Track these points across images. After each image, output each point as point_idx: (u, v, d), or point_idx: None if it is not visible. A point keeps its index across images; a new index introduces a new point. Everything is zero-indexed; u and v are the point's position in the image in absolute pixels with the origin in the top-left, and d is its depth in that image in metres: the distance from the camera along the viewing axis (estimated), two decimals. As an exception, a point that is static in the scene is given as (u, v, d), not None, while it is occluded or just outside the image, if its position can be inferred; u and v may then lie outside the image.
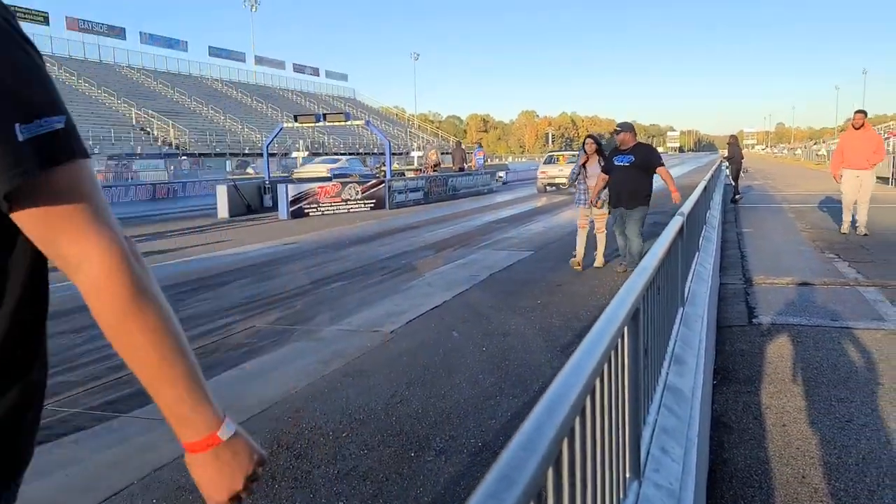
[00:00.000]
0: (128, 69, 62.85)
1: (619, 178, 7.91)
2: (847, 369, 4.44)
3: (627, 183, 7.83)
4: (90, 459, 3.52)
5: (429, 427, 3.74)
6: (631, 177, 7.80)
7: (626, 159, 7.85)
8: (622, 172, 7.86)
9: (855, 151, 10.81)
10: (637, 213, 7.85)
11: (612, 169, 7.96)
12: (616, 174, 7.94)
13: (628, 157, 7.84)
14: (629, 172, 7.81)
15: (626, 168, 7.83)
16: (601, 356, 1.16)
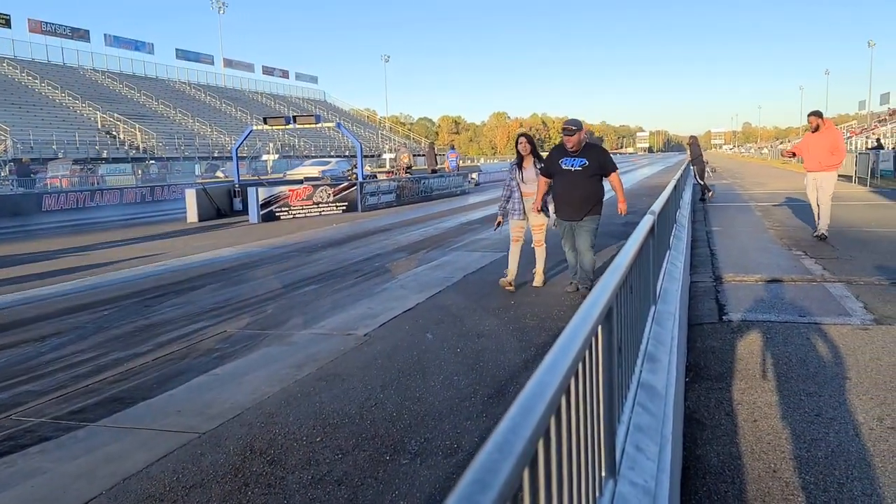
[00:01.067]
0: (92, 72, 61.86)
1: (567, 185, 6.78)
2: (815, 364, 4.51)
3: (578, 190, 6.74)
4: (56, 470, 3.44)
5: (404, 430, 3.72)
6: (582, 183, 6.72)
7: (577, 162, 6.70)
8: (572, 178, 6.73)
9: (810, 154, 10.44)
10: (589, 224, 6.83)
11: (559, 174, 6.80)
12: (564, 180, 6.80)
13: (580, 161, 6.69)
14: (580, 178, 6.71)
15: (576, 173, 6.71)
16: (576, 355, 1.15)
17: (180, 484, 3.21)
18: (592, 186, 6.78)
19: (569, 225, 6.93)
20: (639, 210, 7.29)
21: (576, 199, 6.77)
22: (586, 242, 6.84)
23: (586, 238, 6.83)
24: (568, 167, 6.71)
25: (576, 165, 6.69)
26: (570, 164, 6.71)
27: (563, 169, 6.74)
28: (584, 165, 6.67)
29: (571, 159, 6.72)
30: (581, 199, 6.76)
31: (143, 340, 5.82)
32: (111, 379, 4.83)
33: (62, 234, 16.13)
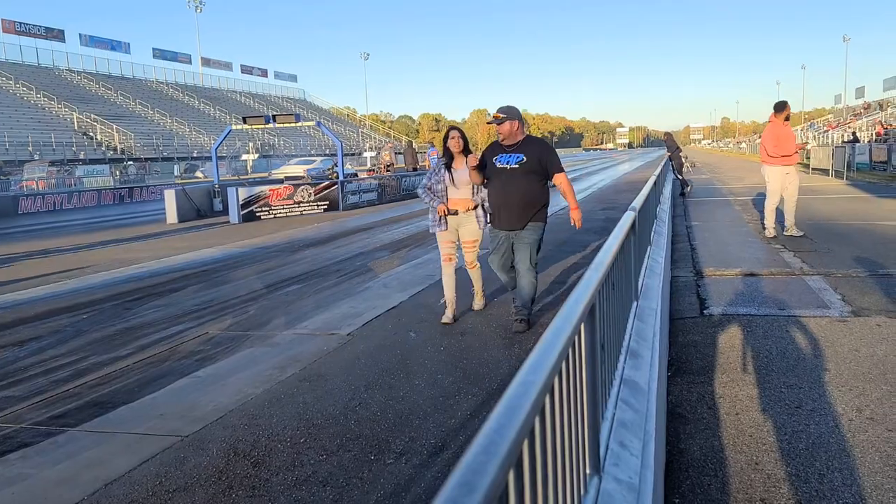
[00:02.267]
0: (68, 72, 61.10)
1: (502, 186, 5.56)
2: (795, 357, 4.56)
3: (515, 191, 5.50)
4: (37, 476, 3.40)
5: (388, 429, 3.72)
6: (520, 183, 5.51)
7: (512, 159, 5.52)
8: (507, 177, 5.53)
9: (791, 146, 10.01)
10: (530, 235, 5.56)
11: (494, 174, 5.60)
12: (498, 180, 5.58)
13: (516, 157, 5.51)
14: (517, 177, 5.50)
15: (512, 172, 5.51)
16: (559, 354, 1.16)
17: (163, 488, 3.18)
18: (533, 187, 5.55)
19: (505, 236, 5.64)
20: (620, 206, 7.31)
21: (514, 203, 5.52)
22: (526, 260, 5.55)
23: (527, 253, 5.55)
24: (503, 165, 5.54)
25: (511, 163, 5.52)
26: (504, 162, 5.55)
27: (497, 167, 5.57)
28: (520, 162, 5.50)
29: (506, 156, 5.56)
30: (520, 202, 5.51)
31: (123, 343, 5.76)
32: (92, 383, 4.78)
33: (40, 236, 15.93)
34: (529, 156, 5.50)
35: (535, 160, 5.52)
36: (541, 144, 5.73)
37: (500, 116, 5.49)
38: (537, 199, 5.59)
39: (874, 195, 15.91)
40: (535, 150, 5.56)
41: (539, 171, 5.56)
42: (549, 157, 5.59)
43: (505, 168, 5.53)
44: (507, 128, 5.50)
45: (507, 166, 5.53)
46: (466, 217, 5.93)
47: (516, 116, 5.53)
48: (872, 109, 55.27)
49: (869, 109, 56.15)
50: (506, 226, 5.61)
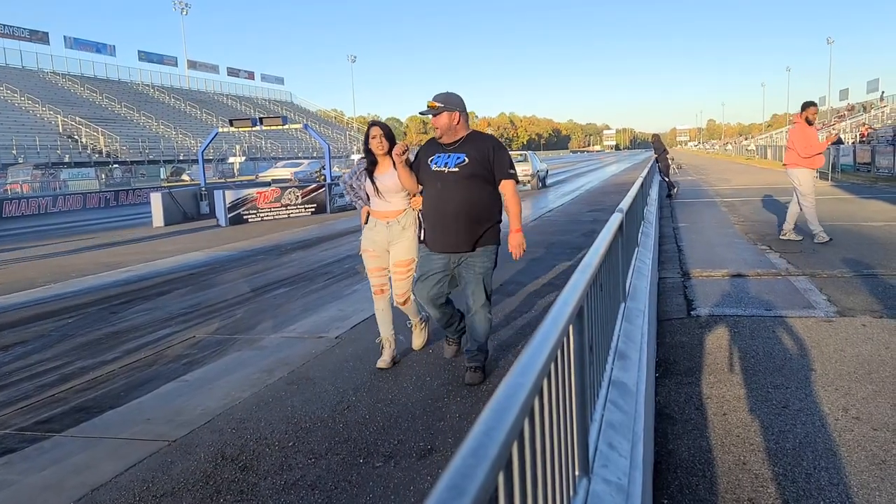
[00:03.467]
0: (53, 75, 60.64)
1: (438, 197, 4.35)
2: (782, 357, 4.59)
3: (455, 204, 4.29)
4: (22, 482, 3.36)
5: (377, 432, 3.70)
6: (462, 192, 4.29)
7: (451, 160, 4.33)
8: (445, 185, 4.32)
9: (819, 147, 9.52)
10: (481, 264, 4.40)
11: (428, 178, 4.41)
12: (433, 188, 4.38)
13: (456, 157, 4.32)
14: (458, 184, 4.29)
15: (451, 177, 4.30)
16: (548, 356, 1.16)
17: (150, 493, 3.16)
18: (479, 196, 4.32)
19: (443, 261, 4.39)
20: (607, 207, 7.31)
21: (453, 217, 4.28)
22: (481, 295, 4.40)
23: (479, 286, 4.39)
24: (439, 168, 4.31)
25: (450, 165, 4.30)
26: (441, 164, 4.32)
27: (432, 171, 4.34)
28: (461, 164, 4.28)
29: (444, 156, 4.34)
30: (462, 216, 4.27)
31: (109, 348, 5.72)
32: (77, 388, 4.74)
33: (24, 240, 15.79)
34: (473, 155, 4.28)
35: (479, 161, 4.29)
36: (488, 141, 4.46)
37: (436, 106, 4.27)
38: (486, 211, 4.34)
39: (858, 196, 16.06)
40: (480, 148, 4.32)
41: (486, 176, 4.33)
42: (497, 157, 4.33)
43: (441, 172, 4.29)
44: (444, 120, 4.28)
45: (445, 169, 4.28)
46: (401, 231, 4.65)
47: (457, 106, 4.30)
48: (856, 111, 55.79)
49: (853, 111, 56.67)
50: (444, 248, 4.36)
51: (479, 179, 4.31)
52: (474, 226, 4.33)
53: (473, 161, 4.29)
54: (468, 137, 4.38)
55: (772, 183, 22.04)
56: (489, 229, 4.39)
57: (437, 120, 4.30)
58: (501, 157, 4.38)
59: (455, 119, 4.32)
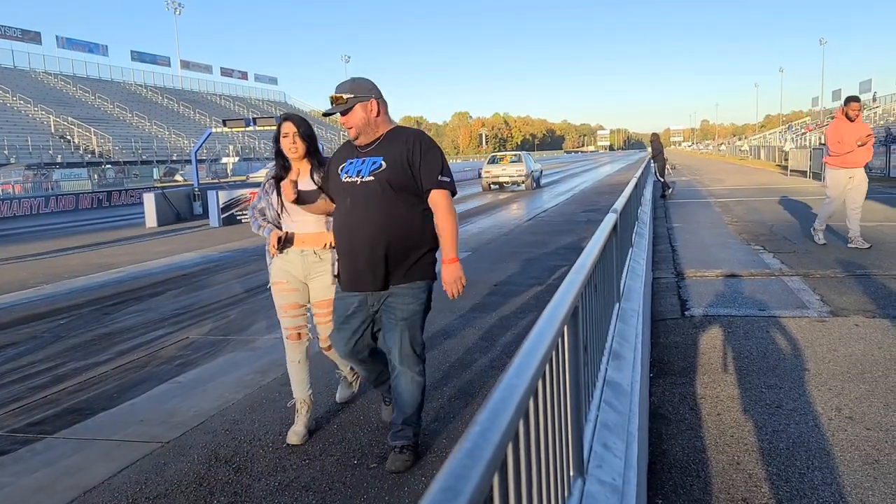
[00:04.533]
0: (45, 75, 60.39)
1: (351, 216, 3.27)
2: (775, 357, 4.60)
3: (369, 225, 3.22)
4: (15, 484, 3.34)
5: (371, 433, 3.70)
6: (378, 208, 3.22)
7: (365, 167, 3.26)
8: (356, 201, 3.25)
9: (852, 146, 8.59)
10: (406, 305, 3.29)
11: (338, 192, 3.33)
12: (343, 205, 3.31)
13: (373, 162, 3.25)
14: (373, 198, 3.22)
15: (364, 189, 3.23)
16: (543, 357, 1.15)
17: (143, 495, 3.14)
18: (401, 214, 3.21)
19: (359, 302, 3.31)
20: (602, 208, 7.29)
21: (363, 244, 3.19)
22: (407, 346, 3.28)
23: (404, 335, 3.27)
24: (351, 178, 3.24)
25: (364, 173, 3.22)
26: (353, 173, 3.24)
27: (342, 183, 3.26)
28: (377, 170, 3.20)
29: (357, 161, 3.26)
30: (377, 242, 3.17)
31: (102, 349, 5.69)
32: (70, 389, 4.71)
33: (16, 241, 15.71)
34: (392, 158, 3.18)
35: (400, 165, 3.17)
36: (410, 137, 3.26)
37: (343, 99, 3.17)
38: (412, 235, 3.22)
39: (851, 196, 16.10)
40: (399, 147, 3.20)
41: (411, 186, 3.20)
42: (423, 159, 3.19)
43: (352, 183, 3.19)
44: (359, 116, 3.18)
45: (357, 179, 3.18)
46: (318, 262, 3.65)
47: (369, 94, 3.21)
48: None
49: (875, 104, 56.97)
50: (356, 285, 3.25)
51: (402, 191, 3.16)
52: (396, 255, 3.17)
53: (393, 166, 3.15)
54: (389, 135, 3.25)
55: (765, 183, 22.12)
56: (419, 259, 3.23)
57: (350, 118, 3.17)
58: (429, 157, 3.19)
59: (372, 110, 3.18)
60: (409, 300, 3.25)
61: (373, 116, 3.21)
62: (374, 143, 3.25)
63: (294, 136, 3.58)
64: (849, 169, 8.67)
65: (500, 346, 5.16)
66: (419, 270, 3.27)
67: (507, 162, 25.74)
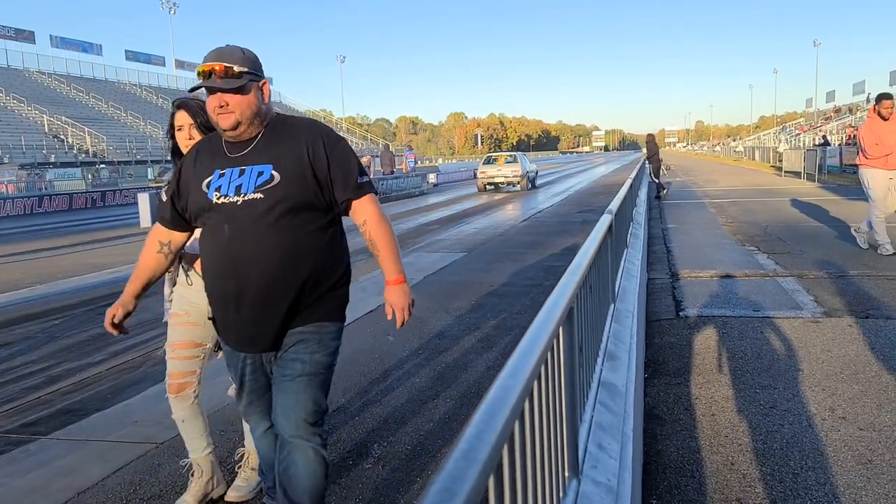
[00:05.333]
0: (38, 74, 60.17)
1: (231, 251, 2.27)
2: (770, 357, 4.62)
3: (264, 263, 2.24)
4: (8, 485, 3.33)
5: (366, 434, 3.70)
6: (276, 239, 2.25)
7: (250, 179, 2.26)
8: (242, 228, 2.25)
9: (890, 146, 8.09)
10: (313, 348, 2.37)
11: (205, 218, 2.33)
12: (220, 236, 2.29)
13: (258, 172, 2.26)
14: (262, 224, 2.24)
15: (251, 211, 2.24)
16: (538, 358, 1.16)
17: (138, 496, 3.14)
18: (307, 245, 2.31)
19: (251, 362, 2.51)
20: (597, 208, 7.29)
21: (254, 290, 2.28)
22: (303, 407, 2.34)
23: (300, 394, 2.35)
24: (227, 197, 2.27)
25: (246, 188, 2.26)
26: (230, 189, 2.28)
27: (211, 203, 2.30)
28: (265, 185, 2.25)
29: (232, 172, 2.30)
30: (273, 287, 2.28)
31: (96, 350, 5.68)
32: (64, 390, 4.70)
33: (9, 241, 15.66)
34: (286, 166, 2.28)
35: (298, 173, 2.28)
36: (310, 133, 2.36)
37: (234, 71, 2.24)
38: (318, 268, 2.34)
39: (845, 198, 16.18)
40: (295, 148, 2.32)
41: (313, 201, 2.31)
42: (334, 159, 2.33)
43: (232, 204, 2.26)
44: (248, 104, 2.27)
45: (237, 199, 2.26)
46: None
47: (262, 73, 2.36)
48: (843, 113, 56.26)
49: (839, 113, 57.14)
50: (246, 343, 2.40)
51: (305, 210, 2.27)
52: (298, 298, 2.29)
53: (288, 175, 2.23)
54: (271, 130, 2.32)
55: (760, 184, 22.19)
56: (328, 293, 2.37)
57: (240, 102, 2.22)
58: (339, 157, 2.32)
59: (266, 96, 2.34)
60: (314, 347, 2.34)
61: (252, 106, 2.26)
62: (253, 142, 2.28)
63: (190, 128, 2.85)
64: (890, 171, 8.11)
65: (496, 347, 5.17)
66: (328, 308, 2.37)
67: (503, 162, 25.78)
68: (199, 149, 2.45)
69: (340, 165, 2.34)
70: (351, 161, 2.38)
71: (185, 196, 2.40)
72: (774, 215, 13.02)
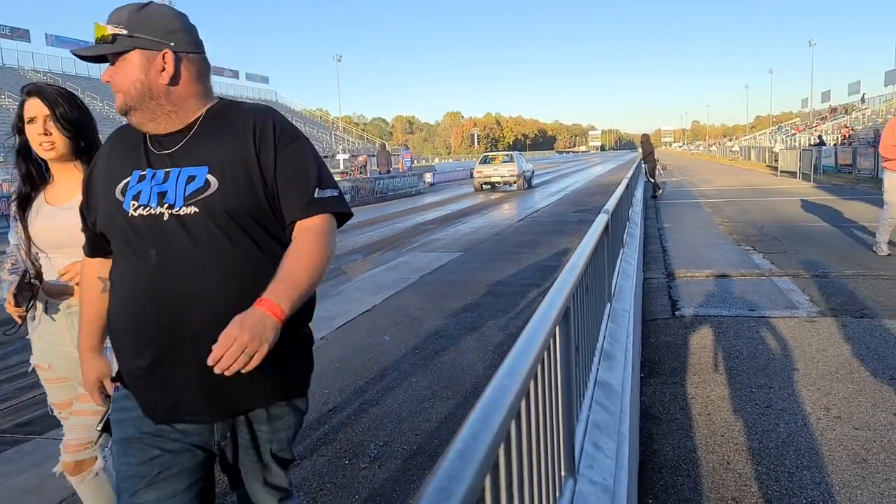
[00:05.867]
0: (34, 73, 59.98)
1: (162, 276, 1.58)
2: (765, 357, 4.63)
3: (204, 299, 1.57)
4: (3, 485, 3.32)
5: (362, 434, 3.69)
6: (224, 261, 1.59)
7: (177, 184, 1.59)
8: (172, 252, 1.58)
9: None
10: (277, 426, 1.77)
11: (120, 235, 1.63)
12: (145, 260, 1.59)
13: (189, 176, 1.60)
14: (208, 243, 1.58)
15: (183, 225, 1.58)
16: (534, 358, 1.16)
17: (133, 496, 3.13)
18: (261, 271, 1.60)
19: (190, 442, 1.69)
20: (593, 208, 7.29)
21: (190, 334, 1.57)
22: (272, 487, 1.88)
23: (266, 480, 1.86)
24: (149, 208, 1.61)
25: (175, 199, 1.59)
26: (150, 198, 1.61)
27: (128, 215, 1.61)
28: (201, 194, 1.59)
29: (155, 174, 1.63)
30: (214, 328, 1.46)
31: (91, 349, 5.65)
32: (59, 390, 4.68)
33: (5, 241, 15.60)
34: (224, 169, 1.63)
35: (244, 176, 1.63)
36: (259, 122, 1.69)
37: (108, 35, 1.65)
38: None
39: (840, 197, 16.23)
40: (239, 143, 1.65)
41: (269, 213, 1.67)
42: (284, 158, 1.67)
43: (155, 218, 1.61)
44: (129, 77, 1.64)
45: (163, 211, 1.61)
46: None
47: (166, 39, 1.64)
48: (838, 113, 56.40)
49: (835, 113, 57.29)
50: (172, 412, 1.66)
51: (256, 228, 1.66)
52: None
53: (229, 180, 1.63)
54: (210, 120, 1.71)
55: (755, 184, 22.22)
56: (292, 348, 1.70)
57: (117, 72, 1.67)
58: (293, 158, 1.69)
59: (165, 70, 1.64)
60: (278, 425, 1.78)
61: (160, 83, 1.61)
62: (185, 136, 1.65)
63: (46, 121, 2.22)
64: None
65: (492, 347, 5.17)
66: (295, 371, 1.77)
67: (499, 162, 25.79)
68: (117, 138, 1.76)
69: (291, 169, 1.65)
70: (306, 165, 1.68)
71: (94, 206, 1.72)
72: (770, 215, 13.05)
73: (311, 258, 1.61)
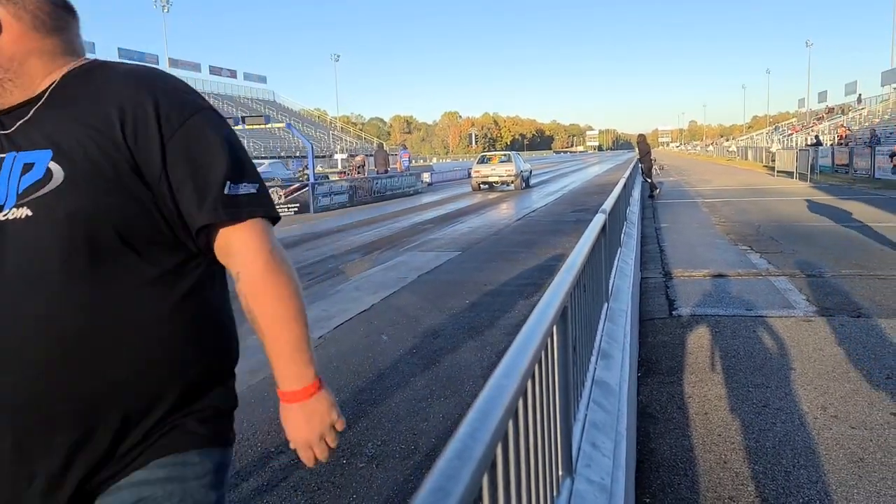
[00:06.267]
0: None
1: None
2: (762, 356, 4.64)
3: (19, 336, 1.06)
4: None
5: (360, 433, 3.70)
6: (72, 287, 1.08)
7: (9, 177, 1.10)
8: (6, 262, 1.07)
9: None
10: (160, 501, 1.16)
11: None
12: None
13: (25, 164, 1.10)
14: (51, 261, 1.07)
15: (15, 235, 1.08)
16: (532, 357, 1.16)
17: (131, 496, 3.12)
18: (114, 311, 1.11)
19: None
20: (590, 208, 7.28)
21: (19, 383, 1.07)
22: None
23: None
24: None
25: (7, 197, 1.09)
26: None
27: None
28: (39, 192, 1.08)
29: None
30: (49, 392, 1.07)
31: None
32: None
33: None
34: (79, 147, 1.11)
35: (109, 161, 1.11)
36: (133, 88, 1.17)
37: None
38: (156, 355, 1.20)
39: (837, 197, 16.26)
40: (102, 116, 1.13)
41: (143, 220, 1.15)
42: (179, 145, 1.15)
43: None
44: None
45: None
46: None
47: None
48: (835, 113, 56.48)
49: (832, 113, 57.36)
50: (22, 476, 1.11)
51: (120, 244, 1.13)
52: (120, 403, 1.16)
53: (80, 172, 1.11)
54: (63, 88, 1.18)
55: (752, 184, 22.25)
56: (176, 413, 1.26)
57: None
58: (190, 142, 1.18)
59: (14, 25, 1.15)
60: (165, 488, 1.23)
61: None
62: (28, 109, 1.18)
63: None
64: None
65: (490, 346, 5.17)
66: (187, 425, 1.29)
67: (497, 162, 25.78)
68: None
69: (187, 157, 1.18)
70: (212, 149, 1.20)
71: None
72: (767, 215, 13.07)
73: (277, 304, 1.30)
